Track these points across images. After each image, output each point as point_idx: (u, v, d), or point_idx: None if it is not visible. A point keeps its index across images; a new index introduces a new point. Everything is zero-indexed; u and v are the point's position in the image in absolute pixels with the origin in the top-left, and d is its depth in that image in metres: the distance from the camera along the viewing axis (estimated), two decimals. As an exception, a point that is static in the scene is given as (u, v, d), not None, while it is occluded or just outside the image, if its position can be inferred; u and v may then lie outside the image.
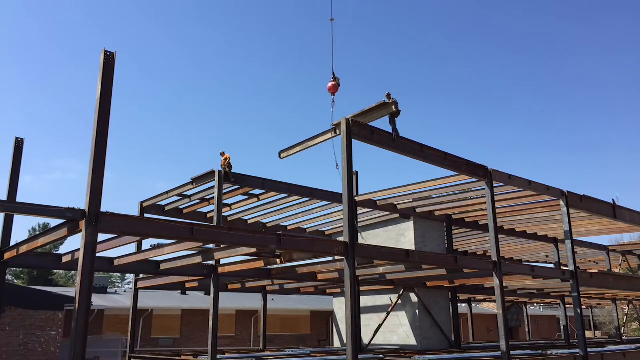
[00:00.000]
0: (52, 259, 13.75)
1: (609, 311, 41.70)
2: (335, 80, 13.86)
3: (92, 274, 7.92)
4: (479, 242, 24.69)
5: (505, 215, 19.14)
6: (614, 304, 29.88)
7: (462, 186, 16.37)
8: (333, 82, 13.82)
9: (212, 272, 14.07)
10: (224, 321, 31.05)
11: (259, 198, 17.84)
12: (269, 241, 10.52)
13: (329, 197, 18.01)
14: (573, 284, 16.75)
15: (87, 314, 7.74)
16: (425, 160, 13.44)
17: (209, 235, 9.90)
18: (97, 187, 8.11)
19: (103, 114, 8.41)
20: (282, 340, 34.17)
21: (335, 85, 13.82)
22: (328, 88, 13.88)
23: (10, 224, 12.56)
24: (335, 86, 13.82)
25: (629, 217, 19.92)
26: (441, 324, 19.15)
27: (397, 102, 12.50)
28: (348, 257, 10.92)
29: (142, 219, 12.04)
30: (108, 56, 8.59)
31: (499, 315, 13.73)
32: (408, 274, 15.96)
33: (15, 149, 12.88)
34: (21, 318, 22.89)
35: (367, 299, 20.22)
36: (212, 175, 15.42)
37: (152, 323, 30.55)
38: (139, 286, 16.98)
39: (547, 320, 52.96)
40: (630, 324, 41.32)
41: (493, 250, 14.38)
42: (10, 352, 22.27)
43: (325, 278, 16.67)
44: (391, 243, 19.35)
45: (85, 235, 7.93)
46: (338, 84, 13.86)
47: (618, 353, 19.23)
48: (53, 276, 56.94)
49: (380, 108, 12.46)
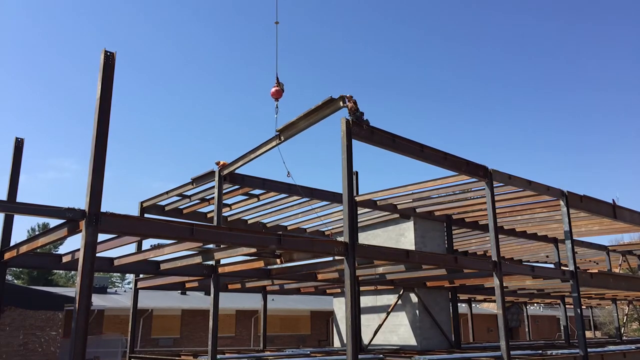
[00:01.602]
0: (52, 259, 13.74)
1: (609, 311, 41.71)
2: (279, 85, 13.66)
3: (92, 274, 7.91)
4: (479, 242, 24.68)
5: (505, 215, 19.14)
6: (614, 304, 29.86)
7: (462, 186, 16.36)
8: (277, 88, 13.63)
9: (212, 272, 14.06)
10: (224, 321, 31.08)
11: (259, 198, 17.83)
12: (269, 241, 10.51)
13: (329, 197, 18.01)
14: (573, 284, 16.74)
15: (87, 314, 7.73)
16: (425, 161, 13.43)
17: (209, 235, 9.89)
18: (97, 187, 8.10)
19: (103, 114, 8.41)
20: (282, 341, 34.19)
21: (279, 90, 13.61)
22: (271, 93, 13.65)
23: (10, 224, 12.54)
24: (279, 91, 13.61)
25: (629, 217, 19.92)
26: (441, 324, 19.15)
27: (352, 102, 11.24)
28: (348, 257, 10.92)
29: (143, 219, 12.03)
30: (108, 56, 8.59)
31: (499, 316, 13.73)
32: (408, 274, 15.95)
33: (15, 149, 12.86)
34: (21, 318, 22.88)
35: (367, 299, 20.22)
36: (212, 176, 15.42)
37: (152, 323, 30.56)
38: (139, 286, 16.98)
39: (547, 320, 53.00)
40: (630, 324, 41.33)
41: (493, 250, 14.37)
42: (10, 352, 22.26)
43: (325, 278, 16.66)
44: (391, 243, 19.35)
45: (85, 235, 7.93)
46: (282, 90, 13.64)
47: (618, 353, 19.22)
48: (53, 276, 56.96)
49: (327, 106, 11.71)
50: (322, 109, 11.83)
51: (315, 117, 12.10)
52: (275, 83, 13.77)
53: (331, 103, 11.62)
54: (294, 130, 12.65)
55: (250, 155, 14.20)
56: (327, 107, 11.76)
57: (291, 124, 12.50)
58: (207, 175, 15.59)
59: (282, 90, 13.70)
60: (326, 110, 11.81)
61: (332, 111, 11.70)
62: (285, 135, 12.93)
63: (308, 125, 12.42)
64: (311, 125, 12.38)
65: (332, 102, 11.60)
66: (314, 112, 12.00)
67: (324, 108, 11.81)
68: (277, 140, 13.09)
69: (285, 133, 12.90)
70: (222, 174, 14.98)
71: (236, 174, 15.57)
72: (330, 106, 11.67)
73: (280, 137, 12.99)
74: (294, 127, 12.55)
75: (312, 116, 12.12)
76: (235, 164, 14.71)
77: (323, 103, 11.69)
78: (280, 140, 13.00)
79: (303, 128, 12.54)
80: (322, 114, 11.95)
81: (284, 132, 12.88)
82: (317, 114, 12.03)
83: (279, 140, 13.04)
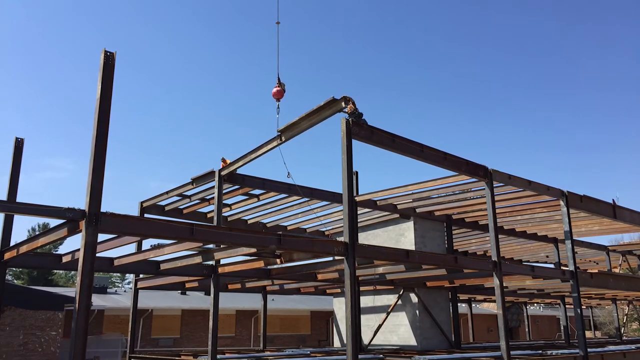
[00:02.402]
0: (52, 259, 13.74)
1: (609, 311, 41.72)
2: (281, 85, 13.68)
3: (92, 274, 7.91)
4: (479, 242, 24.68)
5: (505, 215, 19.14)
6: (614, 304, 29.87)
7: (462, 186, 16.35)
8: (278, 88, 13.65)
9: (212, 272, 14.06)
10: (224, 321, 31.09)
11: (259, 198, 17.83)
12: (269, 241, 10.51)
13: (329, 197, 18.00)
14: (573, 284, 16.74)
15: (87, 314, 7.73)
16: (425, 161, 13.43)
17: (209, 235, 9.89)
18: (97, 187, 8.09)
19: (103, 114, 8.41)
20: (282, 341, 34.19)
21: (280, 90, 13.64)
22: (273, 94, 13.69)
23: (10, 224, 12.55)
24: (280, 92, 13.63)
25: (629, 217, 19.92)
26: (441, 324, 19.15)
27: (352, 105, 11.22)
28: (348, 257, 10.92)
29: (143, 219, 12.03)
30: (108, 56, 8.59)
31: (499, 316, 13.72)
32: (408, 274, 15.95)
33: (15, 149, 12.87)
34: (21, 318, 22.88)
35: (367, 299, 20.21)
36: (212, 176, 15.42)
37: (152, 323, 30.56)
38: (139, 286, 16.98)
39: (547, 320, 53.00)
40: (630, 324, 41.33)
41: (493, 250, 14.36)
42: (10, 352, 22.26)
43: (325, 278, 16.66)
44: (391, 243, 19.34)
45: (85, 235, 7.93)
46: (283, 90, 13.67)
47: (618, 353, 19.22)
48: (53, 276, 56.96)
49: (329, 106, 11.68)
50: (324, 109, 11.83)
51: (316, 118, 12.09)
52: (277, 83, 13.76)
53: (333, 104, 11.61)
54: (296, 130, 12.63)
55: (250, 156, 14.20)
56: (328, 108, 11.75)
57: (292, 124, 12.49)
58: (207, 175, 15.58)
59: (284, 90, 13.69)
60: (328, 111, 11.81)
61: (334, 112, 11.68)
62: (287, 136, 12.91)
63: (310, 126, 12.40)
64: (313, 126, 12.37)
65: (334, 103, 11.59)
66: (316, 112, 11.99)
67: (325, 109, 11.80)
68: (278, 140, 13.09)
69: (286, 133, 12.89)
70: (222, 174, 14.98)
71: (236, 174, 15.57)
72: (332, 107, 11.66)
73: (281, 138, 12.99)
74: (296, 127, 12.54)
75: (313, 117, 12.12)
76: (235, 164, 14.71)
77: (325, 104, 11.68)
78: (281, 140, 13.00)
79: (305, 128, 12.52)
80: (323, 115, 11.95)
81: (285, 132, 12.87)
82: (318, 115, 12.02)
83: (280, 140, 13.03)
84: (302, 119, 12.27)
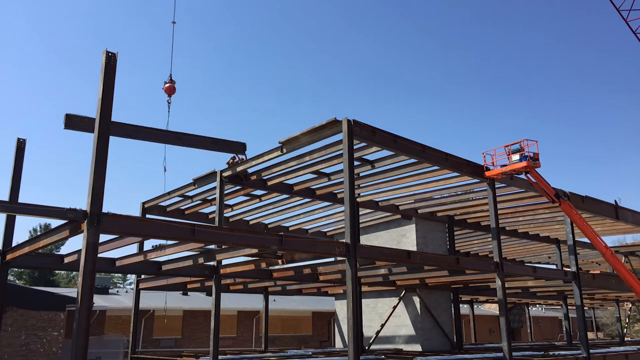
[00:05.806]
0: (54, 259, 13.78)
1: (612, 312, 41.62)
2: (172, 82, 14.32)
3: (94, 275, 7.92)
4: (481, 243, 24.64)
5: (507, 216, 19.10)
6: (616, 305, 29.79)
7: (464, 187, 16.34)
8: (170, 84, 14.26)
9: (214, 273, 14.06)
10: (225, 322, 31.06)
11: (261, 199, 17.82)
12: (271, 242, 10.51)
13: (330, 198, 17.97)
14: (575, 285, 16.70)
15: (88, 314, 7.74)
16: (427, 161, 13.43)
17: (210, 236, 9.89)
18: (98, 188, 8.10)
19: (104, 114, 8.41)
20: (284, 341, 34.15)
21: (172, 87, 14.29)
22: (164, 89, 14.30)
23: (12, 224, 12.57)
24: (171, 88, 14.29)
25: (631, 218, 19.88)
26: (443, 325, 19.11)
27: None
28: (350, 257, 10.90)
29: (144, 220, 12.04)
30: (110, 57, 8.61)
31: (500, 317, 13.70)
32: (410, 275, 15.93)
33: (17, 150, 12.90)
34: (23, 318, 22.89)
35: (368, 300, 20.19)
36: (213, 176, 15.42)
37: (154, 324, 30.56)
38: (140, 287, 16.98)
39: (549, 321, 52.85)
40: (632, 325, 41.25)
41: (495, 251, 14.35)
42: (12, 352, 22.28)
43: (327, 279, 16.64)
44: (393, 244, 19.31)
45: (87, 236, 7.93)
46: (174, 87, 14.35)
47: (620, 354, 19.19)
48: (54, 277, 57.00)
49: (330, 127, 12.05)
50: (325, 128, 12.13)
51: (317, 136, 12.40)
52: (169, 80, 14.35)
53: (334, 124, 11.89)
54: (296, 144, 12.91)
55: (252, 162, 14.26)
56: (329, 128, 12.05)
57: (294, 138, 12.74)
58: (208, 176, 15.59)
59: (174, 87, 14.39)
60: (328, 131, 12.13)
61: (335, 132, 12.00)
62: (288, 148, 13.20)
63: (310, 142, 12.73)
64: (313, 143, 12.72)
65: (335, 124, 11.86)
66: (317, 130, 12.29)
67: (326, 128, 12.10)
68: (280, 151, 13.33)
69: (287, 146, 13.14)
70: (223, 176, 14.98)
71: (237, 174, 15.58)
72: (333, 127, 11.96)
73: (282, 150, 13.26)
74: (297, 141, 12.81)
75: (314, 134, 12.40)
76: (236, 168, 14.62)
77: (327, 123, 11.96)
78: (283, 152, 13.27)
79: (305, 143, 12.85)
80: (324, 134, 12.26)
81: (287, 144, 13.08)
82: (319, 133, 12.32)
83: (282, 152, 13.29)
84: (304, 134, 12.52)
